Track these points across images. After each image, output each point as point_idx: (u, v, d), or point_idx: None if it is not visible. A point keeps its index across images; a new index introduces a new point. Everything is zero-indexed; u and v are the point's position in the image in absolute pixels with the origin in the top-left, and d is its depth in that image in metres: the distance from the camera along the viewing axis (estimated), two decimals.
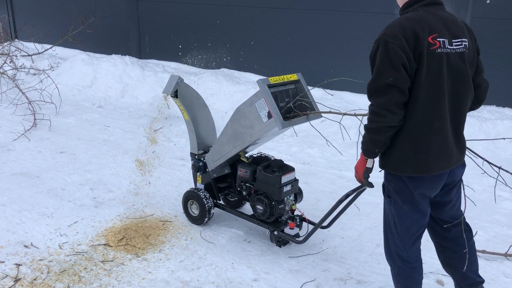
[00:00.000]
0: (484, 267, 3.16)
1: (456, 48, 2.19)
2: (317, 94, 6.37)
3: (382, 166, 2.33)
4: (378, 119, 2.15)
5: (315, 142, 5.52)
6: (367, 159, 2.36)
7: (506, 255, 3.32)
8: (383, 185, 2.42)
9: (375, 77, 2.14)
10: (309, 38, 6.96)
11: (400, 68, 2.08)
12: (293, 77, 3.26)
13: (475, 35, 2.36)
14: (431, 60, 2.11)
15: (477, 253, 3.31)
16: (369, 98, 2.19)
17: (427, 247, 2.82)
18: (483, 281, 2.56)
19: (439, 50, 2.13)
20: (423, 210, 2.35)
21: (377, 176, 2.60)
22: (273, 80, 3.10)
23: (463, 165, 2.41)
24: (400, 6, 2.32)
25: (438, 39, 2.13)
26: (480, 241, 3.46)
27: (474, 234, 3.39)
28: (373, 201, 4.14)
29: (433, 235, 2.57)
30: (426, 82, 2.12)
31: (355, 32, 6.53)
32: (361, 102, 6.38)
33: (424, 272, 2.55)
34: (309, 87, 3.32)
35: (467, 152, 2.51)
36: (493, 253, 3.32)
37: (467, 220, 2.58)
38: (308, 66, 6.88)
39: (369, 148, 2.27)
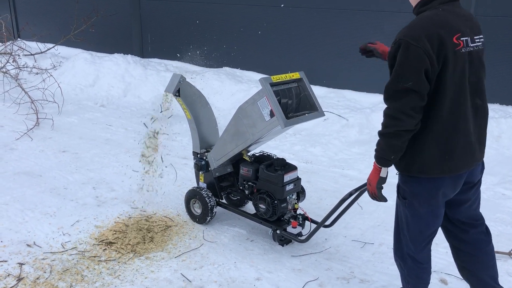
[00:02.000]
0: None
1: (478, 45, 2.16)
2: (319, 92, 6.37)
3: (404, 170, 2.24)
4: (394, 123, 2.10)
5: (317, 140, 5.51)
6: (381, 168, 2.26)
7: (510, 254, 3.31)
8: (398, 186, 2.35)
9: (393, 80, 2.08)
10: (312, 36, 6.94)
11: (420, 73, 2.02)
12: (296, 75, 3.25)
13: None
14: (456, 62, 2.06)
15: None
16: (386, 101, 2.13)
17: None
18: None
19: (463, 50, 2.08)
20: (439, 213, 2.30)
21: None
22: (276, 78, 3.10)
23: (482, 165, 2.37)
24: (415, 4, 2.23)
25: (461, 39, 2.08)
26: None
27: None
28: None
29: (449, 237, 2.50)
30: (451, 83, 2.07)
31: (358, 31, 6.51)
32: (364, 100, 6.37)
33: None
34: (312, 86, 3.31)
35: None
36: (497, 252, 3.29)
37: None
38: (310, 65, 6.87)
39: (384, 155, 2.19)
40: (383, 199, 2.37)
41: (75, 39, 8.65)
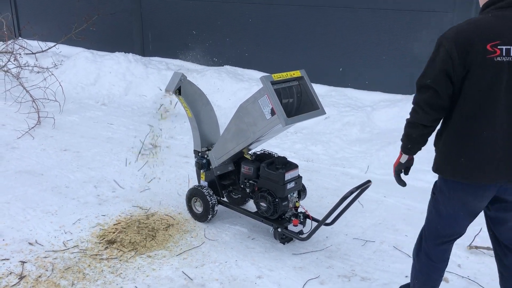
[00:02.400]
0: (489, 264, 3.15)
1: None
2: (320, 91, 6.37)
3: (433, 166, 2.30)
4: (413, 114, 2.22)
5: (318, 139, 5.51)
6: (402, 154, 2.39)
7: None
8: (436, 181, 2.40)
9: (421, 75, 2.18)
10: (313, 34, 6.94)
11: (441, 73, 2.07)
12: (297, 73, 3.25)
13: None
14: (486, 69, 2.02)
15: (483, 250, 3.31)
16: (415, 92, 2.24)
17: None
18: None
19: (498, 59, 2.01)
20: (458, 217, 2.28)
21: (379, 173, 2.58)
22: (277, 77, 3.10)
23: None
24: (481, 6, 2.22)
25: (499, 47, 2.01)
26: (484, 238, 3.45)
27: (478, 232, 3.39)
28: (377, 198, 4.13)
29: (495, 257, 2.46)
30: (475, 90, 2.05)
31: (359, 29, 6.50)
32: (365, 98, 6.37)
33: None
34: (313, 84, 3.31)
35: None
36: None
37: None
38: (311, 63, 6.86)
39: (404, 141, 2.33)
40: (401, 183, 2.48)
41: (76, 37, 8.65)
